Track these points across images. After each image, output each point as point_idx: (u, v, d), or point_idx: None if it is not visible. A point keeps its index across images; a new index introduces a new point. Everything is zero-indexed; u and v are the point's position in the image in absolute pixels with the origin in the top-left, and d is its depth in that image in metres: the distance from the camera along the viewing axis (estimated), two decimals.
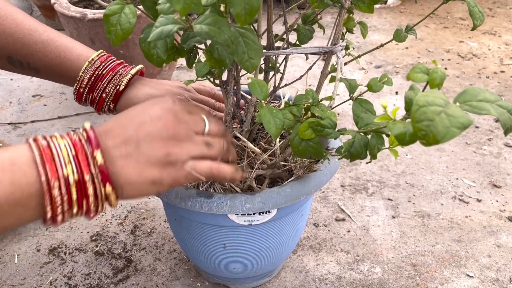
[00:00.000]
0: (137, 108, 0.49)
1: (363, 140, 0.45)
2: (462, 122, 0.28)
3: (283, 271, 0.83)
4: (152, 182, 0.46)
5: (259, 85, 0.48)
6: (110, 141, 0.45)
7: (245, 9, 0.35)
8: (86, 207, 0.43)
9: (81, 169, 0.42)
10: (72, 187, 0.42)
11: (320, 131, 0.47)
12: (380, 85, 0.53)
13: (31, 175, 0.40)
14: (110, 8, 0.48)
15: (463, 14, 2.18)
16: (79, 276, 0.82)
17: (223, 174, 0.50)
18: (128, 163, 0.45)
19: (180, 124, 0.48)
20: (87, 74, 0.67)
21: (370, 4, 0.50)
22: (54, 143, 0.43)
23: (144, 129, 0.46)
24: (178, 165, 0.47)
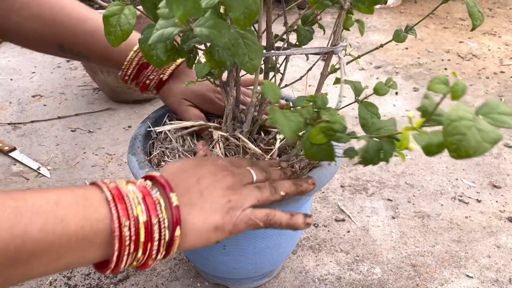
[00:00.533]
0: (190, 164, 0.51)
1: (377, 146, 0.45)
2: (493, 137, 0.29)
3: (283, 272, 0.83)
4: (215, 228, 0.47)
5: (272, 88, 0.47)
6: (175, 190, 0.46)
7: (244, 13, 0.36)
8: (149, 252, 0.43)
9: (149, 212, 0.42)
10: (141, 228, 0.42)
11: (332, 136, 0.47)
12: (386, 89, 0.53)
13: (102, 212, 0.41)
14: (110, 9, 0.48)
15: (463, 15, 2.18)
16: (79, 277, 0.82)
17: (279, 220, 0.51)
18: (194, 210, 0.46)
19: (234, 176, 0.51)
20: (132, 63, 0.70)
21: (370, 5, 0.50)
22: (121, 186, 0.43)
23: (204, 181, 0.49)
24: (238, 211, 0.49)
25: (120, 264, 0.42)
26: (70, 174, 1.09)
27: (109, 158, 1.15)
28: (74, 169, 1.11)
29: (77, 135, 1.26)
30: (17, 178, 1.07)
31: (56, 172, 1.10)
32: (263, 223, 0.50)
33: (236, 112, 0.67)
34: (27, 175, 1.08)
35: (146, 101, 1.43)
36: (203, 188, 0.48)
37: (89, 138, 1.24)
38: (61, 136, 1.25)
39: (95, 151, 1.18)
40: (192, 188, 0.48)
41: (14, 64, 1.69)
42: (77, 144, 1.21)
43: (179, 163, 0.51)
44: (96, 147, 1.20)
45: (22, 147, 1.19)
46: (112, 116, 1.36)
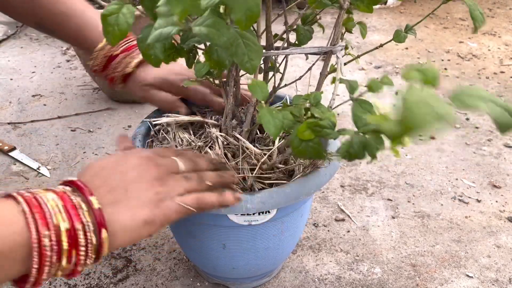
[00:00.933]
0: (112, 161, 0.49)
1: (361, 140, 0.45)
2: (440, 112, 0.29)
3: (283, 271, 0.83)
4: (144, 222, 0.46)
5: (259, 86, 0.48)
6: (96, 191, 0.44)
7: (245, 15, 0.36)
8: (75, 259, 0.42)
9: (71, 218, 0.41)
10: (63, 236, 0.40)
11: (319, 132, 0.47)
12: (380, 86, 0.53)
13: (19, 225, 0.39)
14: (108, 9, 0.48)
15: (463, 15, 2.18)
16: (79, 276, 0.82)
17: (210, 201, 0.51)
18: (119, 208, 0.45)
19: (159, 167, 0.50)
20: (99, 55, 0.70)
21: (369, 4, 0.50)
22: (39, 196, 0.41)
23: (128, 176, 0.47)
24: (167, 201, 0.48)
25: (41, 276, 0.40)
26: (70, 173, 1.09)
27: None
28: (74, 169, 1.11)
29: (77, 134, 1.26)
30: (17, 178, 1.07)
31: (56, 172, 1.10)
32: (195, 208, 0.50)
33: (236, 112, 0.67)
34: (27, 175, 1.08)
35: None
36: (127, 184, 0.46)
37: (89, 137, 1.24)
38: (61, 135, 1.25)
39: (95, 151, 1.18)
40: (115, 185, 0.46)
41: (14, 64, 1.69)
42: (77, 144, 1.21)
43: (100, 162, 0.49)
44: (96, 147, 1.20)
45: (22, 147, 1.19)
46: (112, 115, 1.36)
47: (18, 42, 1.88)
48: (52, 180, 1.07)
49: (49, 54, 1.78)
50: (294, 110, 0.50)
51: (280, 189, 0.58)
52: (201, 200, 0.51)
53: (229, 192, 0.54)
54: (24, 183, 1.06)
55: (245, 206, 0.56)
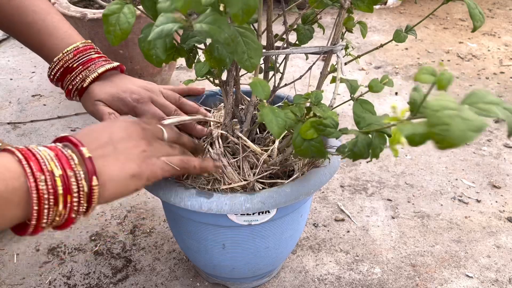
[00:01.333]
0: (101, 124, 0.53)
1: (366, 140, 0.45)
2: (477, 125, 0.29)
3: (283, 271, 0.83)
4: (132, 175, 0.49)
5: (260, 85, 0.48)
6: (86, 146, 0.47)
7: (242, 9, 0.36)
8: (70, 205, 0.44)
9: (63, 166, 0.43)
10: (58, 181, 0.42)
11: (322, 131, 0.48)
12: (381, 86, 0.53)
13: (15, 171, 0.41)
14: (109, 8, 0.48)
15: (463, 15, 2.19)
16: (78, 276, 0.82)
17: (193, 163, 0.55)
18: (108, 161, 0.48)
19: (145, 130, 0.54)
20: (57, 65, 0.69)
21: (370, 4, 0.50)
22: (32, 148, 0.44)
23: (116, 136, 0.50)
24: (153, 159, 0.51)
25: (41, 219, 0.42)
26: None
27: None
28: None
29: None
30: None
31: None
32: (179, 167, 0.53)
33: (236, 111, 0.67)
34: None
35: None
36: (116, 142, 0.49)
37: None
38: None
39: None
40: (104, 143, 0.49)
41: (13, 64, 1.69)
42: None
43: (90, 127, 0.52)
44: None
45: None
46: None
47: (18, 42, 1.87)
48: None
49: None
50: (295, 109, 0.50)
51: (280, 189, 0.58)
52: (185, 161, 0.55)
53: (210, 160, 0.59)
54: None
55: (245, 205, 0.56)
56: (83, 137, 0.48)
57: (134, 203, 0.99)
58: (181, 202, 0.57)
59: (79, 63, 0.68)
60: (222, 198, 0.57)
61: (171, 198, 0.58)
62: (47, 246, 0.88)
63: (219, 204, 0.56)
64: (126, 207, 0.98)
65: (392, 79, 1.38)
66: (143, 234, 0.91)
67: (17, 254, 0.86)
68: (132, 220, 0.95)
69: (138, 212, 0.97)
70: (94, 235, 0.91)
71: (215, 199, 0.56)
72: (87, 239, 0.90)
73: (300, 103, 0.52)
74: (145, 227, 0.93)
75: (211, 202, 0.56)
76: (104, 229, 0.92)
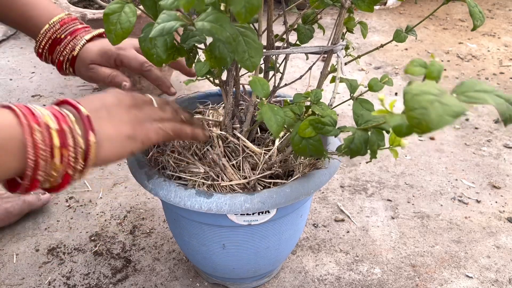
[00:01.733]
0: (92, 95, 0.54)
1: (363, 136, 0.45)
2: (456, 110, 0.28)
3: (282, 272, 0.83)
4: (127, 137, 0.50)
5: (260, 83, 0.48)
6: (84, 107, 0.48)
7: (245, 7, 0.35)
8: (66, 161, 0.44)
9: (59, 121, 0.44)
10: (54, 133, 0.43)
11: (321, 129, 0.48)
12: (381, 85, 0.53)
13: (12, 121, 0.41)
14: (110, 7, 0.48)
15: (463, 16, 2.19)
16: (78, 276, 0.82)
17: (185, 130, 0.57)
18: (103, 122, 0.49)
19: (136, 99, 0.55)
20: (45, 37, 0.69)
21: (370, 3, 0.50)
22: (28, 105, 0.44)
23: (109, 102, 0.51)
24: (146, 124, 0.53)
25: (38, 169, 0.42)
26: None
27: None
28: None
29: None
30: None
31: None
32: (173, 133, 0.55)
33: (236, 112, 0.67)
34: None
35: None
36: (109, 107, 0.50)
37: None
38: None
39: None
40: (99, 108, 0.50)
41: (13, 64, 1.69)
42: None
43: (81, 97, 0.53)
44: None
45: None
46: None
47: (18, 43, 1.87)
48: None
49: None
50: (294, 108, 0.50)
51: (280, 189, 0.58)
52: (178, 127, 0.56)
53: (201, 129, 0.61)
54: None
55: (245, 206, 0.56)
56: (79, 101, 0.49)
57: (133, 204, 0.99)
58: (180, 202, 0.57)
59: (67, 33, 0.69)
60: (222, 198, 0.56)
61: (171, 198, 0.58)
62: (47, 246, 0.88)
63: (219, 204, 0.56)
64: (126, 207, 0.98)
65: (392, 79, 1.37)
66: (142, 234, 0.91)
67: (17, 254, 0.86)
68: (131, 220, 0.94)
69: (137, 212, 0.97)
70: (94, 235, 0.91)
71: (215, 199, 0.56)
72: (87, 239, 0.90)
73: (299, 102, 0.52)
74: (144, 228, 0.93)
75: (211, 202, 0.56)
76: (104, 229, 0.92)
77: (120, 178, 1.07)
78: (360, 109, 0.50)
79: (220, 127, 0.68)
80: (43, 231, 0.92)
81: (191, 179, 0.63)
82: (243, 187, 0.62)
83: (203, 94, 0.80)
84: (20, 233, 0.91)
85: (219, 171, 0.62)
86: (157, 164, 0.68)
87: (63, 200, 1.00)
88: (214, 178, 0.62)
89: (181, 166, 0.66)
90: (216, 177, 0.62)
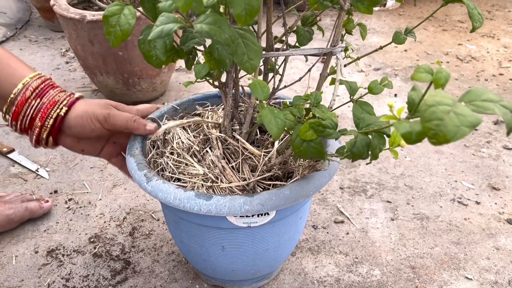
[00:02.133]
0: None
1: (365, 140, 0.45)
2: (471, 121, 0.28)
3: (282, 273, 0.83)
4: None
5: (260, 86, 0.47)
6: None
7: (245, 9, 0.35)
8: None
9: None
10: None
11: (322, 132, 0.47)
12: (381, 88, 0.53)
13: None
14: (110, 9, 0.48)
15: (462, 17, 2.19)
16: (77, 278, 0.82)
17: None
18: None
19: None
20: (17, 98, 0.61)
21: (369, 6, 0.50)
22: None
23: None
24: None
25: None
26: (68, 175, 1.09)
27: None
28: (72, 171, 1.10)
29: None
30: (15, 180, 1.07)
31: (54, 174, 1.09)
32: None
33: (235, 113, 0.67)
34: (25, 177, 1.08)
35: (145, 102, 1.43)
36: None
37: None
38: None
39: None
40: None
41: None
42: None
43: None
44: None
45: (21, 148, 1.19)
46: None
47: (18, 44, 1.87)
48: (51, 182, 1.06)
49: (48, 56, 1.77)
50: (294, 110, 0.50)
51: (279, 191, 0.58)
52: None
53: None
54: (23, 185, 1.05)
55: (244, 207, 0.56)
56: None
57: (133, 205, 0.99)
58: (180, 204, 0.57)
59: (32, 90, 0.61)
60: (221, 200, 0.56)
61: (170, 200, 0.58)
62: (46, 248, 0.88)
63: (218, 206, 0.56)
64: (125, 209, 0.98)
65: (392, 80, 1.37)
66: (142, 236, 0.91)
67: (16, 256, 0.86)
68: (131, 222, 0.94)
69: (137, 214, 0.97)
70: (93, 237, 0.91)
71: (214, 201, 0.56)
72: (86, 241, 0.90)
73: (299, 104, 0.52)
74: (144, 229, 0.93)
75: (210, 204, 0.56)
76: (103, 231, 0.92)
77: (119, 180, 1.07)
78: (360, 111, 0.50)
79: (219, 129, 0.68)
80: (42, 232, 0.92)
81: (190, 181, 0.63)
82: (243, 189, 0.62)
83: (202, 95, 0.80)
84: (19, 235, 0.91)
85: (219, 173, 0.62)
86: (156, 166, 0.68)
87: (62, 202, 1.00)
88: (214, 180, 0.62)
89: (180, 168, 0.66)
90: (215, 179, 0.62)
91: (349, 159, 0.47)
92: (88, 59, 1.28)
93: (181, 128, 0.71)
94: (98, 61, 1.26)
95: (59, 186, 1.05)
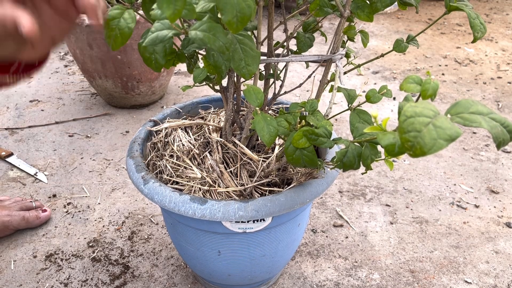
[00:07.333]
0: None
1: (356, 150, 0.45)
2: (450, 134, 0.28)
3: (281, 278, 0.83)
4: None
5: (254, 92, 0.47)
6: None
7: (236, 16, 0.35)
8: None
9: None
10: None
11: (315, 140, 0.47)
12: (379, 97, 0.53)
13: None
14: (110, 13, 0.48)
15: (460, 20, 2.19)
16: (76, 283, 0.81)
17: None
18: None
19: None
20: None
21: (370, 13, 0.50)
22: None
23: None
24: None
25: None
26: (67, 179, 1.08)
27: (107, 163, 1.15)
28: (71, 175, 1.10)
29: (74, 140, 1.25)
30: (14, 184, 1.07)
31: (53, 178, 1.09)
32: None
33: (236, 118, 0.67)
34: (24, 181, 1.08)
35: (144, 106, 1.43)
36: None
37: (87, 143, 1.24)
38: (58, 141, 1.25)
39: (93, 156, 1.18)
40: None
41: None
42: (75, 149, 1.21)
43: None
44: (93, 152, 1.20)
45: (20, 152, 1.19)
46: (109, 121, 1.36)
47: None
48: (50, 186, 1.06)
49: None
50: (289, 117, 0.50)
51: (274, 197, 0.57)
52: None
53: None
54: (22, 189, 1.05)
55: (238, 213, 0.56)
56: None
57: (132, 209, 0.99)
58: (175, 207, 0.57)
59: None
60: (216, 205, 0.56)
61: (165, 203, 0.58)
62: (44, 253, 0.88)
63: (213, 211, 0.56)
64: (124, 213, 0.98)
65: (390, 84, 1.37)
66: (141, 240, 0.91)
67: (14, 261, 0.86)
68: (130, 226, 0.94)
69: (136, 218, 0.96)
70: (92, 241, 0.90)
71: (209, 206, 0.56)
72: (85, 246, 0.89)
73: (294, 112, 0.52)
74: (143, 233, 0.92)
75: (205, 208, 0.56)
76: (102, 235, 0.92)
77: (118, 184, 1.07)
78: (357, 120, 0.50)
79: (220, 132, 0.68)
80: (41, 237, 0.91)
81: (188, 184, 0.63)
82: (240, 194, 0.61)
83: (206, 99, 0.80)
84: (17, 239, 0.91)
85: (216, 177, 0.62)
86: (155, 168, 0.67)
87: (61, 206, 1.00)
88: (211, 184, 0.62)
89: (179, 171, 0.65)
90: (213, 183, 0.62)
91: (339, 169, 0.46)
92: (87, 63, 1.28)
93: (183, 130, 0.71)
94: (97, 64, 1.26)
95: (57, 190, 1.05)
